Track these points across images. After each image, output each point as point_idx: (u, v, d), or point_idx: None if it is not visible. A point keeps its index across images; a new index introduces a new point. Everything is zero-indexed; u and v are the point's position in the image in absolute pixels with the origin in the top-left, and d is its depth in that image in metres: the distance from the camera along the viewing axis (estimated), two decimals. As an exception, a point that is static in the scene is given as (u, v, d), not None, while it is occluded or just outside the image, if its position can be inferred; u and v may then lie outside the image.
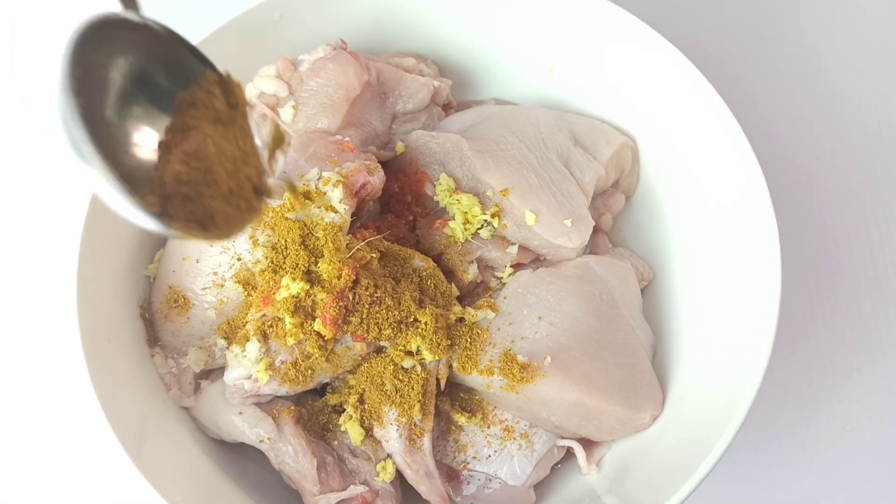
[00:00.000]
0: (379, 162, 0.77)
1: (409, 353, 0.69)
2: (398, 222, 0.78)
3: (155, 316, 0.76)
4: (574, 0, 0.82)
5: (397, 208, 0.79)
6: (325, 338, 0.68)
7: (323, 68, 0.78)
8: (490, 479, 0.74)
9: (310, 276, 0.68)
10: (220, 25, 0.79)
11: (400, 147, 0.81)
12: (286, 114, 0.78)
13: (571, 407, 0.71)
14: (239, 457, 0.76)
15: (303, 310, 0.67)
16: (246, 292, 0.71)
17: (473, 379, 0.71)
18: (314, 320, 0.67)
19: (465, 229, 0.75)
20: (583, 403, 0.70)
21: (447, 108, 0.88)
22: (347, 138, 0.77)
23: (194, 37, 0.78)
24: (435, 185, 0.78)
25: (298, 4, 0.83)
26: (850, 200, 0.99)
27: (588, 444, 0.76)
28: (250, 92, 0.80)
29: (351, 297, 0.67)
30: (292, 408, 0.72)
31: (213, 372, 0.75)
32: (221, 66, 0.80)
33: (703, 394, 0.72)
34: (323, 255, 0.68)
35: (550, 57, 0.87)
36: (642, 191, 0.88)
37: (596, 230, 0.83)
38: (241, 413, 0.71)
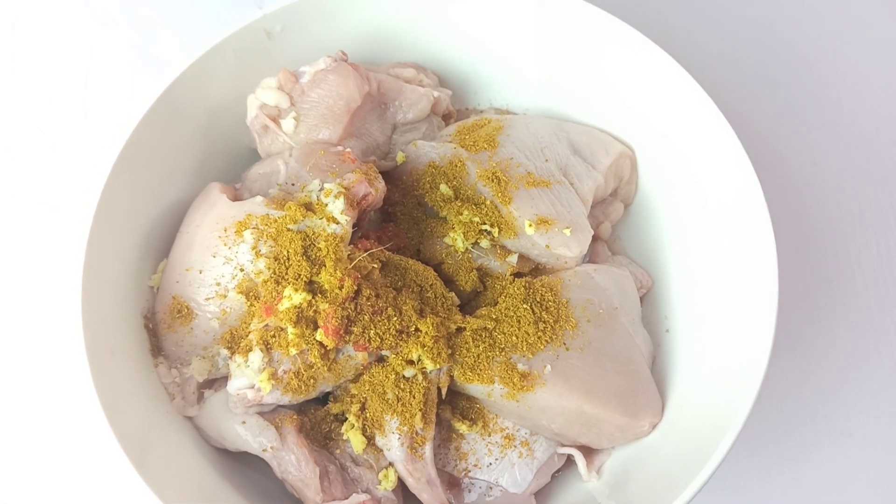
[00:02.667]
0: (380, 172, 0.77)
1: (411, 362, 0.70)
2: (398, 232, 0.79)
3: (158, 326, 0.76)
4: (572, 10, 0.83)
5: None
6: (328, 347, 0.68)
7: (324, 80, 0.79)
8: (491, 487, 0.74)
9: (312, 287, 0.69)
10: (223, 37, 0.80)
11: (400, 157, 0.82)
12: (288, 125, 0.79)
13: (571, 415, 0.71)
14: (242, 465, 0.77)
15: (305, 320, 0.68)
16: (249, 302, 0.72)
17: (474, 387, 0.72)
18: (316, 330, 0.68)
19: (466, 239, 0.76)
20: (583, 411, 0.71)
21: (447, 118, 0.89)
22: (349, 149, 0.78)
23: (197, 49, 0.79)
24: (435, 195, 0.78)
25: (300, 16, 0.83)
26: (848, 206, 1.00)
27: (588, 451, 0.76)
28: (252, 103, 0.80)
29: (353, 307, 0.68)
30: (295, 417, 0.72)
31: (217, 381, 0.76)
32: (224, 78, 0.82)
33: (702, 401, 0.72)
34: (325, 266, 0.69)
35: (549, 66, 0.88)
36: (640, 199, 0.88)
37: (595, 239, 0.84)
38: (244, 422, 0.71)
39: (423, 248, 0.78)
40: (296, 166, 0.77)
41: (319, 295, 0.68)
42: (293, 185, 0.76)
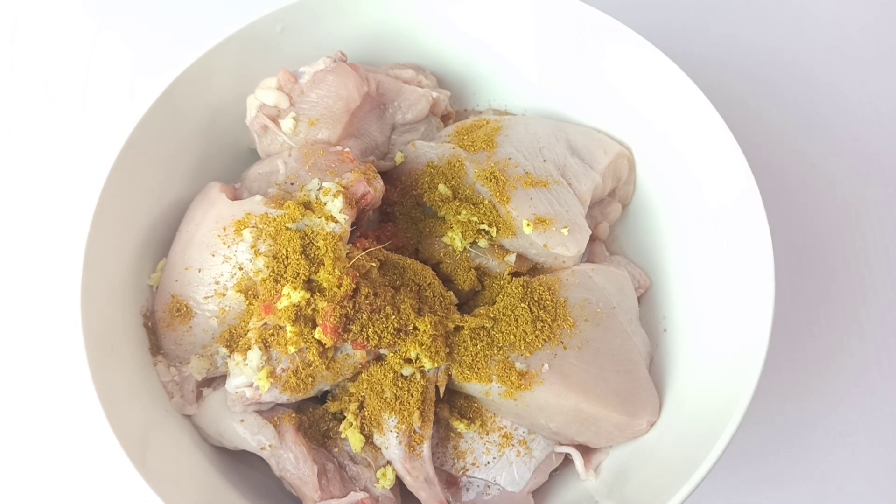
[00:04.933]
0: (378, 172, 0.78)
1: (409, 361, 0.70)
2: (397, 231, 0.79)
3: (158, 325, 0.77)
4: (571, 11, 0.83)
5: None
6: (326, 346, 0.69)
7: (323, 80, 0.79)
8: (489, 486, 0.75)
9: (310, 285, 0.69)
10: (223, 38, 0.81)
11: (399, 157, 0.82)
12: (287, 125, 0.79)
13: (569, 413, 0.72)
14: (241, 464, 0.77)
15: (303, 318, 0.68)
16: (247, 301, 0.72)
17: (472, 386, 0.72)
18: (315, 328, 0.68)
19: (464, 238, 0.76)
20: (580, 410, 0.71)
21: (446, 119, 0.89)
22: (347, 149, 0.79)
23: (198, 49, 0.80)
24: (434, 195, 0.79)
25: (299, 17, 0.84)
26: (845, 207, 1.00)
27: (586, 450, 0.77)
28: (251, 104, 0.81)
29: (351, 306, 0.68)
30: (293, 415, 0.72)
31: (215, 380, 0.76)
32: (224, 78, 0.82)
33: (700, 400, 0.73)
34: (323, 264, 0.69)
35: (548, 67, 0.89)
36: (639, 200, 0.89)
37: (593, 239, 0.84)
38: (242, 420, 0.71)
39: (422, 247, 0.79)
40: (295, 166, 0.77)
41: (318, 293, 0.69)
42: (292, 184, 0.77)
